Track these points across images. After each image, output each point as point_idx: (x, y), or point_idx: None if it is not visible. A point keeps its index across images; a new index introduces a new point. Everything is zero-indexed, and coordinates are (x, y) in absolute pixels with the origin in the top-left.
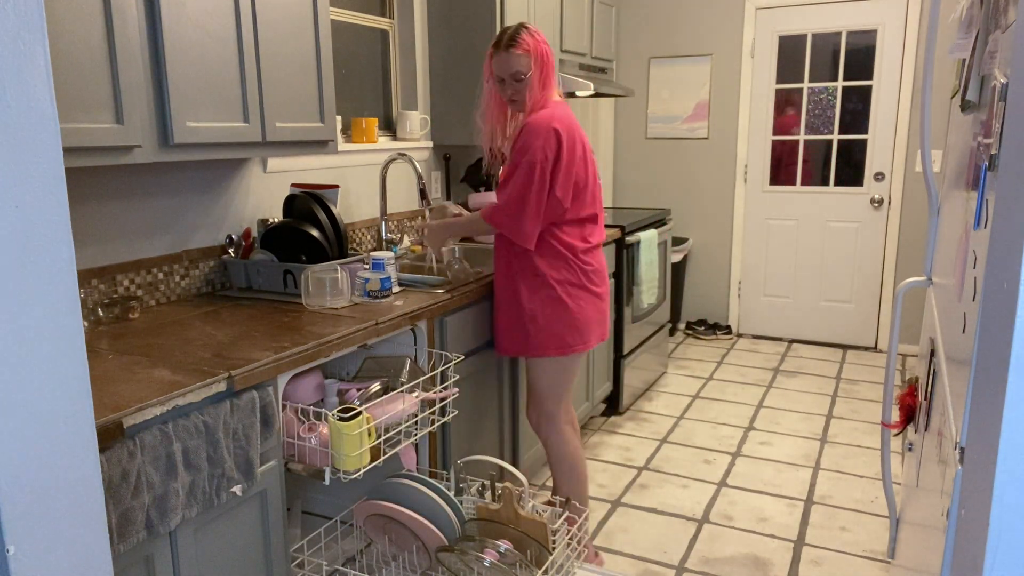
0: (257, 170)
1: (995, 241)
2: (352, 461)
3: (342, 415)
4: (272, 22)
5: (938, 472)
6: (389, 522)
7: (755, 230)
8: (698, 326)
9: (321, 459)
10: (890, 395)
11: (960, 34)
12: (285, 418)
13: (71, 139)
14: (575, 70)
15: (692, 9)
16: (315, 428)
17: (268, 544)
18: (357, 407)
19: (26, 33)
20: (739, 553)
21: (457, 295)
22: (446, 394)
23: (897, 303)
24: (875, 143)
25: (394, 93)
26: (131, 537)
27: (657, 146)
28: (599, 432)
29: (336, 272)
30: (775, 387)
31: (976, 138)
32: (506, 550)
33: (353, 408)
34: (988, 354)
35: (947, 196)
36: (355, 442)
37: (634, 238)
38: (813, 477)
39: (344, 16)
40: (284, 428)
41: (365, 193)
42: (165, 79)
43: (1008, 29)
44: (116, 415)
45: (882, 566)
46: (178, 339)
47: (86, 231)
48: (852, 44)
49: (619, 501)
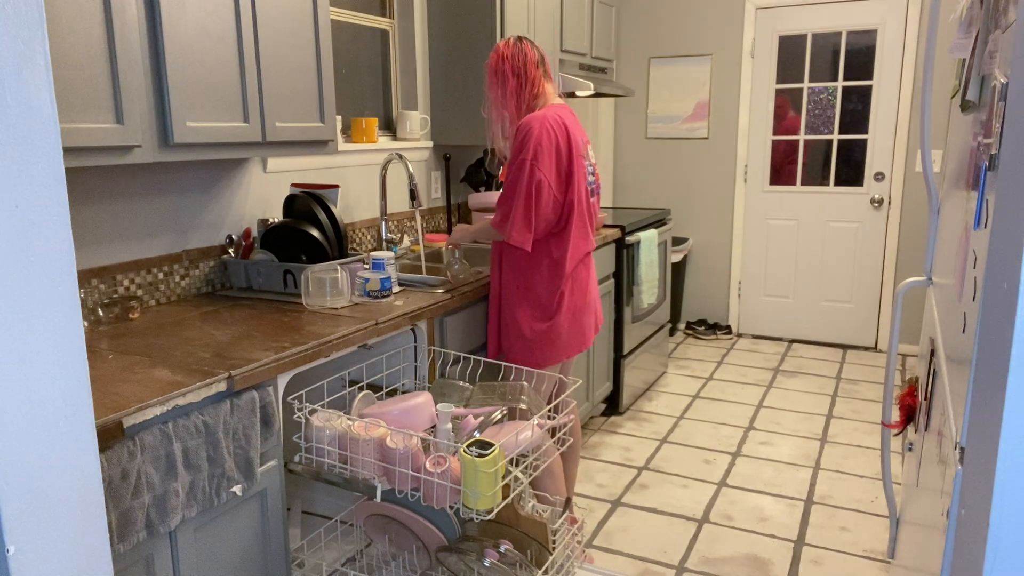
0: (257, 170)
1: (995, 241)
2: (487, 500)
3: (480, 451)
4: (272, 22)
5: (938, 472)
6: (389, 522)
7: (755, 230)
8: (698, 326)
9: (451, 497)
10: (890, 395)
11: (960, 34)
12: (412, 449)
13: (71, 139)
14: (575, 70)
15: (692, 9)
16: (443, 462)
17: (268, 544)
18: (490, 441)
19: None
20: (739, 553)
21: (457, 295)
22: (565, 419)
23: (897, 303)
24: (875, 143)
25: (394, 93)
26: (131, 537)
27: (657, 146)
28: (599, 432)
29: (336, 272)
30: (775, 387)
31: (976, 138)
32: (506, 550)
33: (487, 442)
34: (988, 354)
35: (947, 196)
36: (491, 480)
37: (634, 238)
38: (813, 477)
39: (344, 16)
40: (411, 459)
41: (365, 193)
42: (165, 79)
43: (1008, 29)
44: (116, 415)
45: (882, 566)
46: (178, 339)
47: (86, 231)
48: (852, 44)
49: (619, 501)
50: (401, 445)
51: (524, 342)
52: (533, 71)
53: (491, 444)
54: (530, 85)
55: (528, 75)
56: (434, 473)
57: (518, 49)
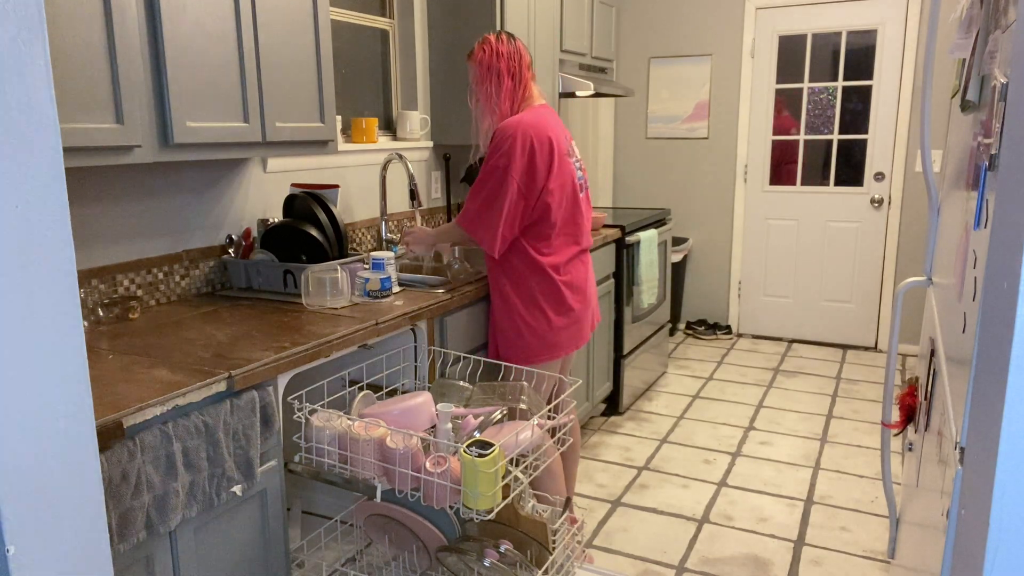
0: (257, 170)
1: (995, 241)
2: (486, 500)
3: (480, 451)
4: (272, 22)
5: (938, 472)
6: (389, 522)
7: (755, 230)
8: (698, 326)
9: (451, 497)
10: (890, 395)
11: (960, 34)
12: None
13: (71, 139)
14: (575, 70)
15: (692, 9)
16: (443, 462)
17: (268, 544)
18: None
19: (26, 33)
20: (739, 553)
21: (457, 295)
22: (565, 419)
23: (897, 303)
24: (875, 143)
25: (394, 93)
26: (131, 537)
27: (657, 146)
28: (599, 432)
29: (336, 272)
30: (775, 387)
31: (976, 138)
32: (506, 550)
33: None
34: (988, 354)
35: (947, 196)
36: (491, 480)
37: (634, 238)
38: (813, 477)
39: (344, 16)
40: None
41: (365, 193)
42: (165, 79)
43: (1008, 29)
44: (116, 415)
45: (882, 566)
46: (178, 339)
47: (86, 231)
48: (852, 44)
49: (619, 501)
50: (401, 445)
51: (521, 340)
52: (526, 72)
53: (491, 444)
54: (523, 88)
55: (523, 78)
56: (434, 473)
57: (513, 48)
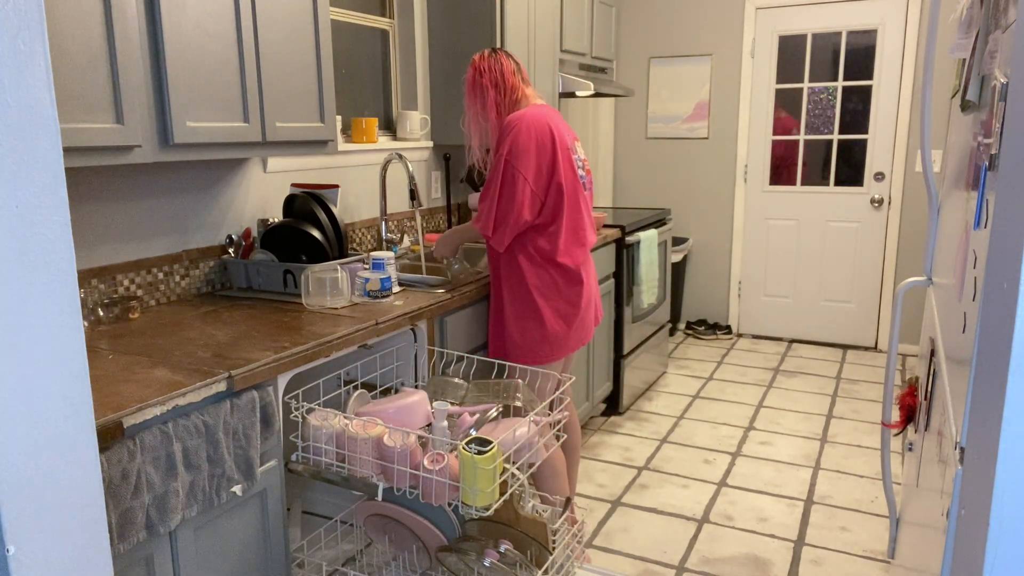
0: (257, 170)
1: (995, 241)
2: (485, 497)
3: (479, 447)
4: (272, 22)
5: (938, 472)
6: (389, 522)
7: (755, 230)
8: (698, 326)
9: (449, 493)
10: (890, 395)
11: (960, 34)
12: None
13: (71, 139)
14: (575, 70)
15: (692, 9)
16: (441, 459)
17: (268, 544)
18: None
19: (26, 33)
20: (739, 553)
21: (457, 295)
22: (561, 416)
23: (897, 303)
24: (875, 143)
25: (394, 93)
26: (131, 537)
27: (657, 146)
28: (599, 432)
29: (336, 272)
30: (775, 387)
31: (976, 138)
32: (506, 550)
33: (485, 439)
34: (988, 354)
35: (947, 196)
36: (490, 476)
37: (634, 238)
38: (813, 477)
39: (344, 16)
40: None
41: (365, 193)
42: (165, 79)
43: (1008, 29)
44: (116, 415)
45: (882, 566)
46: (178, 339)
47: (86, 231)
48: (852, 44)
49: (619, 501)
50: (399, 443)
51: (525, 340)
52: (511, 78)
53: (489, 441)
54: (509, 91)
55: (506, 83)
56: (432, 470)
57: (494, 61)
